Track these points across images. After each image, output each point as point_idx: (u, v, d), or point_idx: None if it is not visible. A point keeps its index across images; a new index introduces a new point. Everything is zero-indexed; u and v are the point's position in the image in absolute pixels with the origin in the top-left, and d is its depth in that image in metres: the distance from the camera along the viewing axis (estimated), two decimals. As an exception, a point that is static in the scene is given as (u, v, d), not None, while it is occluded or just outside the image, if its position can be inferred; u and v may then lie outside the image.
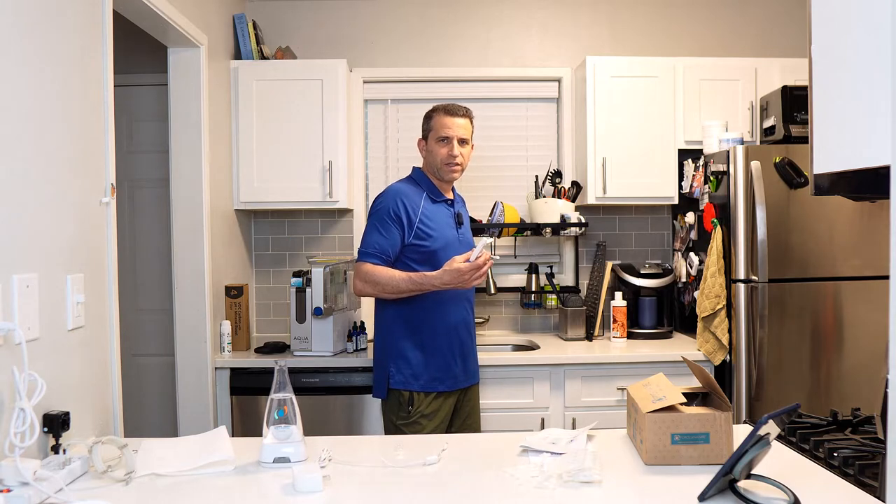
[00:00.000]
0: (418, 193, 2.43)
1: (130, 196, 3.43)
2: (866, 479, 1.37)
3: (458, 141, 2.40)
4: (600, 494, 1.32)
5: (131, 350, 3.36)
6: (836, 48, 1.19)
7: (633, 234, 3.61)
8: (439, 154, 2.41)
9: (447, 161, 2.40)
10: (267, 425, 1.52)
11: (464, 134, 2.42)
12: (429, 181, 2.47)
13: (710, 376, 1.57)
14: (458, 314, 2.43)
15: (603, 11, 3.61)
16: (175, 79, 2.82)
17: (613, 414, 2.84)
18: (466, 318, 2.48)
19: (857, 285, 2.85)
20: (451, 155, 2.39)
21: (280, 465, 1.48)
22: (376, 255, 2.35)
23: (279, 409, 1.51)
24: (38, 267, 1.52)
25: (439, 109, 2.45)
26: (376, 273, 2.32)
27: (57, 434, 1.44)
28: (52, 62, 1.63)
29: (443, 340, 2.39)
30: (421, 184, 2.47)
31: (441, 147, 2.41)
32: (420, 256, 2.38)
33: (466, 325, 2.47)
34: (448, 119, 2.42)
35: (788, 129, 3.01)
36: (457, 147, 2.40)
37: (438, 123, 2.43)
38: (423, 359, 2.37)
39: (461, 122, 2.42)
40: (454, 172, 2.43)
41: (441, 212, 2.45)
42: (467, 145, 2.45)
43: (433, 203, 2.44)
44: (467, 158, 2.46)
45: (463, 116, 2.43)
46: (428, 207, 2.41)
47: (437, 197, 2.46)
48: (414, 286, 2.29)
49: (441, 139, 2.41)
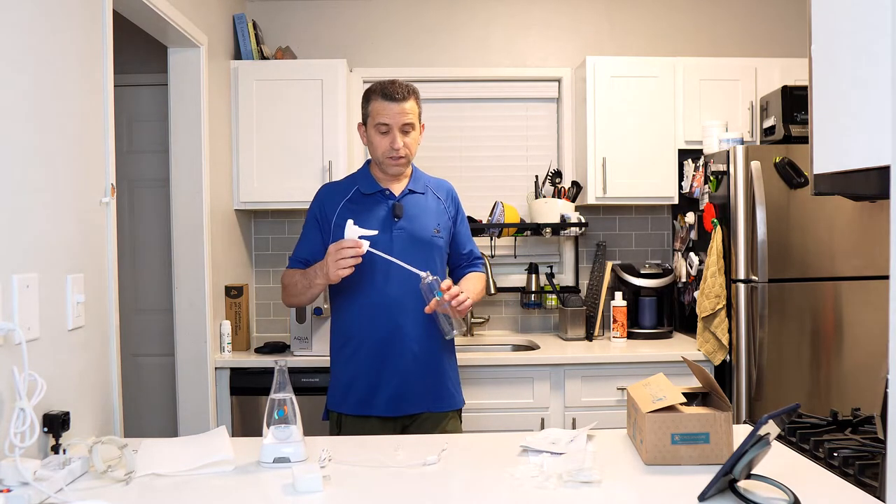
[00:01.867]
0: (346, 188, 2.14)
1: (130, 196, 3.43)
2: (866, 479, 1.37)
3: (399, 129, 2.04)
4: (600, 494, 1.32)
5: (131, 350, 3.36)
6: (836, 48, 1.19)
7: (633, 234, 3.60)
8: (379, 146, 2.06)
9: (389, 154, 2.05)
10: (267, 425, 1.52)
11: (407, 119, 2.04)
12: (366, 172, 2.16)
13: (710, 376, 1.57)
14: (390, 324, 2.03)
15: (603, 11, 3.61)
16: (175, 79, 2.82)
17: (613, 414, 2.84)
18: (405, 330, 2.03)
19: (857, 285, 2.85)
20: (391, 147, 2.04)
21: (280, 465, 1.48)
22: (295, 260, 2.14)
23: (279, 409, 1.51)
24: (38, 267, 1.52)
25: (376, 91, 2.05)
26: (284, 277, 2.13)
27: (57, 434, 1.44)
28: (52, 62, 1.62)
29: (367, 356, 2.04)
30: (357, 176, 2.17)
31: (381, 138, 2.05)
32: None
33: (405, 337, 2.03)
34: (386, 105, 2.03)
35: (788, 129, 3.01)
36: (399, 137, 2.04)
37: (376, 109, 2.05)
38: (350, 377, 2.06)
39: (404, 106, 2.03)
40: (398, 165, 2.08)
41: (370, 205, 2.10)
42: (413, 130, 2.08)
43: (362, 196, 2.11)
44: (414, 147, 2.10)
45: (404, 99, 2.03)
46: (352, 203, 2.10)
47: (369, 188, 2.11)
48: (305, 279, 2.02)
49: (381, 127, 2.05)
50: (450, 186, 2.25)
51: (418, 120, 2.10)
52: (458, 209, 2.24)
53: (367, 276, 2.01)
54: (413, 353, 2.03)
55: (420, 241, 2.08)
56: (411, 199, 2.12)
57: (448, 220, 2.18)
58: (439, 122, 3.58)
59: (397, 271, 1.95)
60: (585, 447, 1.55)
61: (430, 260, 2.07)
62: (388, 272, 2.00)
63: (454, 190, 2.26)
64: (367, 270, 1.98)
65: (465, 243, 2.27)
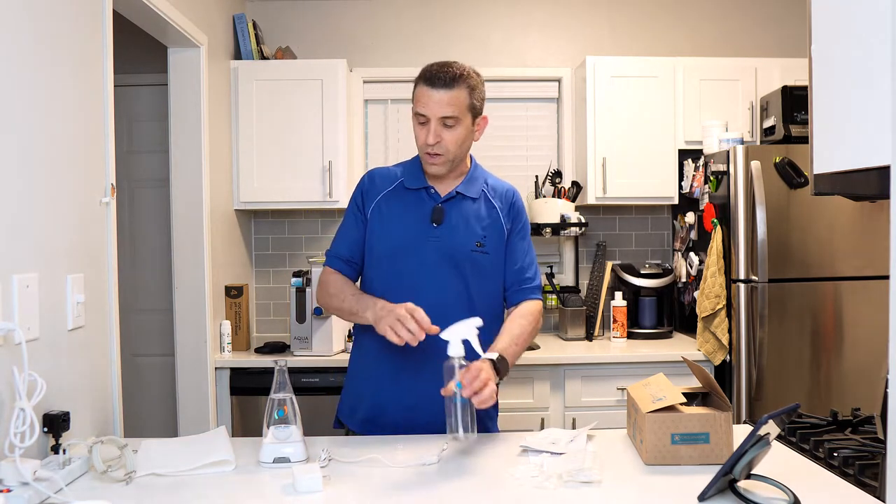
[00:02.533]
0: (392, 178, 1.85)
1: (130, 196, 3.43)
2: (866, 479, 1.37)
3: (438, 122, 1.70)
4: (600, 494, 1.32)
5: (131, 350, 3.36)
6: (836, 48, 1.19)
7: (633, 234, 3.60)
8: (417, 137, 1.75)
9: (425, 150, 1.73)
10: (267, 425, 1.52)
11: (447, 111, 1.69)
12: (417, 163, 1.85)
13: (710, 376, 1.57)
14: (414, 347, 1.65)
15: (603, 11, 3.61)
16: (175, 79, 2.83)
17: (613, 414, 2.84)
18: (427, 355, 1.64)
19: (857, 285, 2.85)
20: (426, 143, 1.71)
21: (280, 464, 1.48)
22: (333, 256, 1.85)
23: (279, 409, 1.51)
24: (38, 267, 1.52)
25: (422, 74, 1.73)
26: (329, 283, 1.82)
27: (57, 434, 1.44)
28: (52, 62, 1.62)
29: (382, 371, 1.78)
30: (408, 166, 1.88)
31: (419, 129, 1.73)
32: (370, 260, 1.82)
33: (426, 363, 1.66)
34: (426, 91, 1.70)
35: (788, 129, 3.01)
36: (434, 131, 1.70)
37: (416, 95, 1.73)
38: (361, 390, 1.83)
39: (444, 94, 1.68)
40: (433, 165, 1.75)
41: (411, 203, 1.80)
42: (459, 125, 1.71)
43: (405, 190, 1.82)
44: (457, 145, 1.73)
45: (447, 86, 1.69)
46: (393, 196, 1.82)
47: (414, 183, 1.81)
48: (355, 304, 1.73)
49: (419, 117, 1.73)
50: (514, 192, 1.89)
51: (469, 112, 1.74)
52: (516, 220, 1.86)
53: (400, 281, 1.75)
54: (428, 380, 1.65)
55: (456, 254, 1.75)
56: (458, 203, 1.80)
57: (503, 233, 1.83)
58: (439, 122, 3.58)
59: (432, 285, 1.72)
60: (585, 447, 1.55)
61: (464, 278, 1.76)
62: (421, 284, 1.73)
63: (519, 197, 1.90)
64: (399, 275, 1.76)
65: (517, 260, 1.85)
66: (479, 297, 1.78)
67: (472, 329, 1.51)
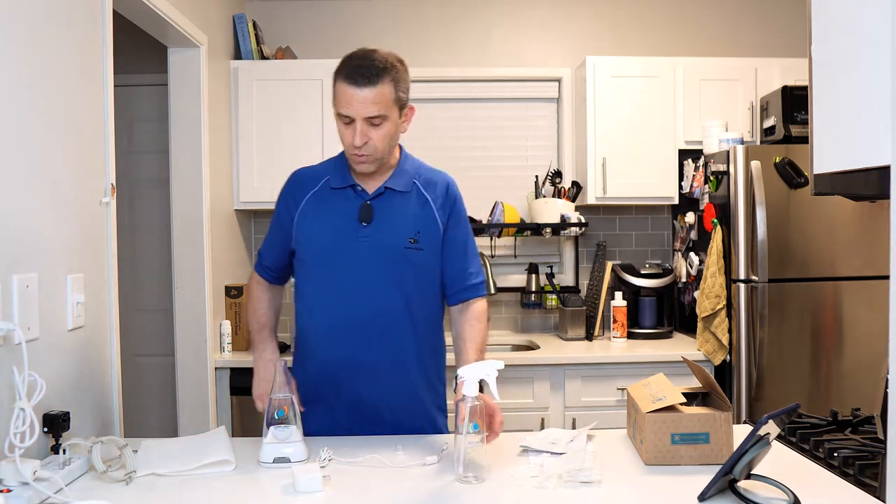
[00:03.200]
0: (317, 178, 1.75)
1: (130, 196, 3.43)
2: (866, 479, 1.37)
3: (364, 122, 1.58)
4: (600, 494, 1.32)
5: (131, 350, 3.36)
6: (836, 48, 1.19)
7: (633, 234, 3.60)
8: (343, 138, 1.64)
9: (351, 150, 1.63)
10: (267, 425, 1.52)
11: (373, 111, 1.57)
12: (342, 161, 1.75)
13: (710, 376, 1.57)
14: (343, 348, 1.68)
15: (603, 11, 3.61)
16: (175, 79, 2.82)
17: (613, 414, 2.84)
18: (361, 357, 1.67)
19: (857, 285, 2.85)
20: (352, 144, 1.61)
21: (280, 464, 1.48)
22: (260, 265, 1.83)
23: (279, 409, 1.51)
24: (38, 267, 1.52)
25: (341, 69, 1.60)
26: (250, 297, 1.83)
27: (57, 434, 1.44)
28: (52, 62, 1.62)
29: (316, 382, 1.72)
30: (333, 164, 1.77)
31: (344, 129, 1.62)
32: (298, 266, 1.76)
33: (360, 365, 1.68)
34: (348, 91, 1.57)
35: (788, 129, 3.01)
36: (361, 131, 1.58)
37: (338, 94, 1.60)
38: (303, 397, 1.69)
39: (368, 93, 1.56)
40: (362, 165, 1.64)
41: (337, 203, 1.70)
42: (387, 122, 1.61)
43: (331, 190, 1.72)
44: (386, 142, 1.63)
45: (371, 83, 1.56)
46: (318, 197, 1.72)
47: (340, 182, 1.71)
48: (252, 336, 1.83)
49: (342, 118, 1.61)
50: (449, 181, 1.79)
51: (396, 106, 1.63)
52: (453, 210, 1.76)
53: (331, 286, 1.69)
54: (385, 381, 1.70)
55: (387, 253, 1.67)
56: (388, 198, 1.70)
57: (437, 227, 1.72)
58: (439, 121, 3.58)
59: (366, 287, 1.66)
60: (585, 447, 1.55)
61: (398, 277, 1.68)
62: (354, 287, 1.67)
63: (455, 186, 1.79)
64: (330, 280, 1.68)
65: (456, 257, 1.76)
66: (416, 297, 1.71)
67: (492, 371, 1.44)
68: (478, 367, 1.45)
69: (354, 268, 1.66)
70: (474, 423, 1.39)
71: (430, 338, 1.76)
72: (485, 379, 1.44)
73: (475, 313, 1.76)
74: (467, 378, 1.43)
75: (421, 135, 3.57)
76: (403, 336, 1.70)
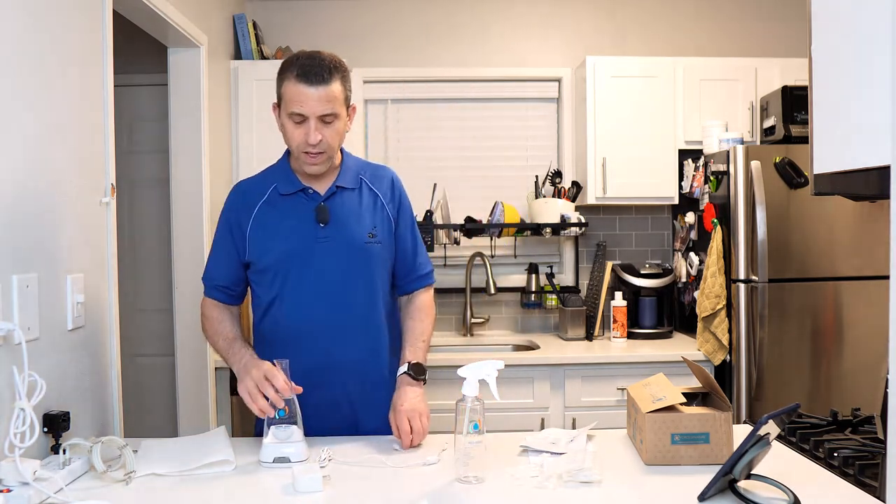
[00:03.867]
0: (263, 187, 1.75)
1: (130, 196, 3.43)
2: (866, 479, 1.37)
3: (318, 120, 1.61)
4: (600, 494, 1.32)
5: (131, 350, 3.36)
6: (836, 48, 1.19)
7: (633, 234, 3.60)
8: (293, 137, 1.65)
9: (304, 149, 1.64)
10: (267, 425, 1.52)
11: (326, 109, 1.60)
12: (285, 166, 1.77)
13: (710, 376, 1.57)
14: (319, 350, 1.68)
15: (603, 11, 3.61)
16: (175, 79, 2.82)
17: (613, 414, 2.84)
18: (339, 356, 1.69)
19: (857, 285, 2.85)
20: (307, 142, 1.62)
21: (280, 464, 1.48)
22: (209, 286, 1.76)
23: (280, 409, 1.51)
24: (38, 267, 1.52)
25: (292, 68, 1.61)
26: (207, 319, 1.75)
27: (57, 434, 1.44)
28: (52, 62, 1.62)
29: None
30: (274, 171, 1.78)
31: (295, 128, 1.64)
32: (257, 277, 1.73)
33: (339, 364, 1.69)
34: (302, 90, 1.59)
35: (788, 129, 3.01)
36: (315, 130, 1.61)
37: (289, 93, 1.61)
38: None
39: (325, 91, 1.59)
40: (314, 164, 1.66)
41: (290, 208, 1.71)
42: (337, 120, 1.63)
43: (280, 197, 1.72)
44: (338, 139, 1.66)
45: (324, 82, 1.59)
46: (268, 206, 1.72)
47: (289, 187, 1.72)
48: (224, 351, 1.68)
49: (294, 117, 1.62)
50: (392, 175, 1.82)
51: (345, 105, 1.66)
52: (401, 203, 1.80)
53: (299, 290, 1.68)
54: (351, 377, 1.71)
55: (351, 250, 1.69)
56: (340, 197, 1.72)
57: (388, 220, 1.76)
58: (439, 122, 3.58)
59: (335, 286, 1.67)
60: (585, 447, 1.55)
61: (365, 273, 1.71)
62: (323, 287, 1.68)
63: (398, 179, 1.83)
64: (297, 284, 1.68)
65: (406, 249, 1.81)
66: (381, 290, 1.75)
67: (492, 371, 1.46)
68: (478, 367, 1.46)
69: (320, 269, 1.68)
70: (474, 423, 1.40)
71: (397, 328, 1.82)
72: (485, 379, 1.45)
73: (420, 305, 1.83)
74: (467, 378, 1.44)
75: (421, 135, 3.58)
76: (379, 329, 1.74)
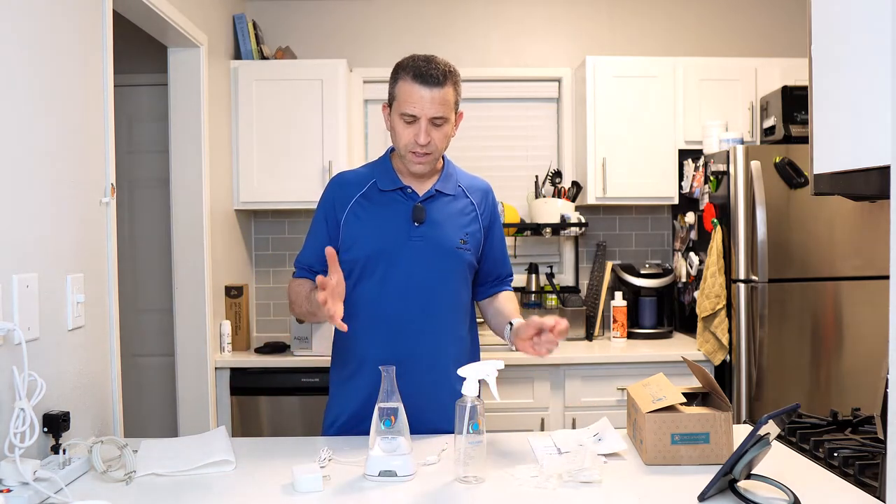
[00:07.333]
0: (363, 180, 1.78)
1: (130, 196, 3.43)
2: (866, 479, 1.37)
3: (428, 122, 1.66)
4: (600, 494, 1.32)
5: (131, 350, 3.36)
6: (836, 48, 1.19)
7: (633, 234, 3.61)
8: (402, 136, 1.68)
9: (412, 149, 1.68)
10: (374, 435, 1.41)
11: (439, 111, 1.65)
12: (387, 163, 1.80)
13: (710, 376, 1.57)
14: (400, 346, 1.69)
15: (603, 11, 3.61)
16: (175, 79, 2.83)
17: (613, 414, 2.82)
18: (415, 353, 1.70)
19: (857, 285, 2.85)
20: (416, 142, 1.67)
21: (386, 478, 1.39)
22: (300, 267, 1.80)
23: (386, 420, 1.40)
24: (38, 267, 1.52)
25: (407, 69, 1.66)
26: (290, 290, 1.79)
27: (57, 434, 1.44)
28: (52, 62, 1.62)
29: (360, 382, 1.72)
30: (376, 167, 1.81)
31: (405, 128, 1.68)
32: (351, 270, 1.73)
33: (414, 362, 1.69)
34: (417, 90, 1.64)
35: (788, 129, 3.01)
36: (425, 131, 1.65)
37: (404, 93, 1.66)
38: (341, 405, 1.77)
39: (439, 93, 1.64)
40: (420, 164, 1.70)
41: (387, 204, 1.74)
42: (447, 124, 1.69)
43: (379, 192, 1.75)
44: (445, 142, 1.72)
45: (440, 84, 1.64)
46: (366, 199, 1.75)
47: (389, 184, 1.76)
48: (308, 304, 1.68)
49: (405, 117, 1.67)
50: (487, 188, 1.88)
51: (454, 110, 1.71)
52: (493, 216, 1.87)
53: (388, 285, 1.71)
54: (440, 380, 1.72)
55: (440, 252, 1.73)
56: (437, 201, 1.77)
57: (479, 230, 1.82)
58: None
59: (422, 286, 1.70)
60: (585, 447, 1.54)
61: (451, 276, 1.76)
62: (411, 285, 1.71)
63: (492, 192, 1.90)
64: (387, 279, 1.71)
65: (496, 258, 1.90)
66: (464, 295, 1.81)
67: (492, 371, 1.46)
68: (478, 366, 1.46)
69: (410, 267, 1.71)
70: (474, 423, 1.39)
71: (473, 334, 1.88)
72: (485, 379, 1.45)
73: (507, 295, 1.93)
74: (467, 378, 1.43)
75: (421, 135, 3.57)
76: (454, 331, 1.78)
